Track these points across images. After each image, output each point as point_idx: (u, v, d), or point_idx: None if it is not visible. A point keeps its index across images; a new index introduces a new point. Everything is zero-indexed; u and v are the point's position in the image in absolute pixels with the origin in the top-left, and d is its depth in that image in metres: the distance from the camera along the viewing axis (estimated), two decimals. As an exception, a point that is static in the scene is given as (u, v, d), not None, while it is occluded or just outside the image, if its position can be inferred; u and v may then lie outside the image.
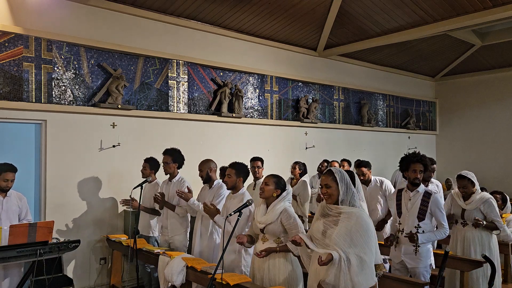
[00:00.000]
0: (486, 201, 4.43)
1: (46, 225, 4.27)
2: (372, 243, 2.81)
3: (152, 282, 5.15)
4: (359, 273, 2.70)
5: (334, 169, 2.98)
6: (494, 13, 6.26)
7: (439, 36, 8.37)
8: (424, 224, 3.89)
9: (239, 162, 4.19)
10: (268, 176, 3.57)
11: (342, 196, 2.89)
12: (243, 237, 3.55)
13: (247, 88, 7.39)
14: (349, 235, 2.77)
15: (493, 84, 10.68)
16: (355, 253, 2.72)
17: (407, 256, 3.92)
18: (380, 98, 10.00)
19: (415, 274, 3.91)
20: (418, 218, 3.89)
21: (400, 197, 4.09)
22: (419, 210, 3.90)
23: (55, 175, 5.32)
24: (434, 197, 3.92)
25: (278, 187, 3.49)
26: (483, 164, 10.46)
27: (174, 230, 4.86)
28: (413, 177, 3.97)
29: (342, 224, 2.82)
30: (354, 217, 2.82)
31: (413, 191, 3.98)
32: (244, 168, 4.13)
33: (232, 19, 6.76)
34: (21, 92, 5.08)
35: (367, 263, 2.74)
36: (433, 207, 3.89)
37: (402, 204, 4.03)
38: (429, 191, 3.99)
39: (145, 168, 5.26)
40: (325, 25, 7.47)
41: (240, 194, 4.04)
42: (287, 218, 3.40)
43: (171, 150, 4.97)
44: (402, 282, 3.62)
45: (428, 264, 3.94)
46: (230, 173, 4.05)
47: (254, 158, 5.82)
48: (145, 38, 6.11)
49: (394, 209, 4.13)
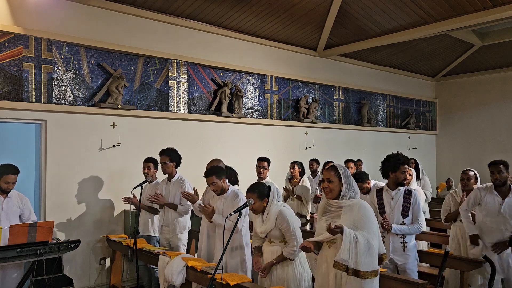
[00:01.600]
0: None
1: (46, 225, 4.27)
2: (376, 230, 2.84)
3: (152, 282, 5.15)
4: (365, 254, 2.70)
5: (338, 165, 2.99)
6: (494, 13, 6.26)
7: (439, 36, 8.37)
8: (408, 220, 3.99)
9: (213, 166, 4.17)
10: (247, 194, 3.54)
11: (344, 192, 2.90)
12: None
13: (247, 88, 7.40)
14: (353, 225, 2.78)
15: (493, 84, 10.68)
16: (364, 235, 2.73)
17: (395, 253, 3.98)
18: (380, 98, 10.00)
19: (405, 271, 3.97)
20: (402, 215, 3.99)
21: (381, 197, 4.14)
22: (403, 207, 4.00)
23: (55, 175, 5.32)
24: (414, 193, 4.05)
25: (262, 197, 3.49)
26: (483, 164, 10.35)
27: (175, 229, 4.86)
28: (403, 178, 4.06)
29: (345, 217, 2.83)
30: (356, 206, 2.83)
31: (394, 190, 4.07)
32: (220, 168, 4.10)
33: (232, 19, 6.76)
34: (21, 92, 5.08)
35: (373, 248, 2.75)
36: (414, 203, 3.99)
37: (385, 203, 4.09)
38: (409, 189, 4.09)
39: (150, 168, 5.22)
40: (325, 25, 7.47)
41: (230, 193, 4.03)
42: (281, 222, 3.44)
43: (168, 150, 4.96)
44: (402, 282, 3.62)
45: (415, 259, 4.04)
46: (213, 181, 3.99)
47: (261, 158, 5.80)
48: (145, 38, 6.11)
49: (377, 209, 4.17)
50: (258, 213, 3.54)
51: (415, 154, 9.97)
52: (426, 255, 4.51)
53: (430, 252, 4.57)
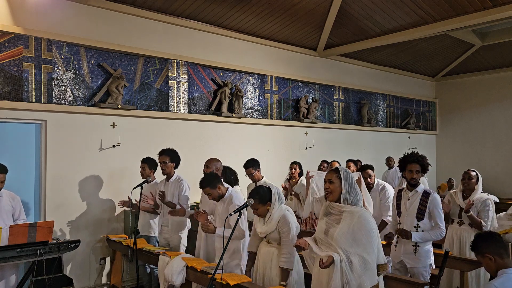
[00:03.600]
0: (483, 201, 4.48)
1: (46, 225, 4.27)
2: (375, 242, 2.80)
3: (152, 282, 5.15)
4: (362, 273, 2.68)
5: (341, 168, 2.99)
6: (494, 13, 6.26)
7: (439, 36, 8.37)
8: (423, 224, 3.88)
9: (206, 176, 4.13)
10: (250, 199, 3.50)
11: (344, 195, 2.89)
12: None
13: (247, 88, 7.40)
14: (351, 234, 2.76)
15: (493, 84, 10.68)
16: (357, 253, 2.71)
17: (406, 256, 3.93)
18: (380, 98, 10.00)
19: (414, 274, 3.91)
20: (417, 218, 3.89)
21: (400, 197, 4.09)
22: (418, 210, 3.90)
23: (55, 175, 5.32)
24: (432, 196, 3.92)
25: (264, 201, 3.48)
26: (483, 164, 10.45)
27: (174, 229, 4.87)
28: (410, 177, 3.97)
29: (344, 223, 2.82)
30: (356, 215, 2.81)
31: (411, 191, 3.99)
32: (212, 177, 4.06)
33: (232, 19, 6.76)
34: (21, 92, 5.08)
35: (370, 263, 2.72)
36: (431, 207, 3.88)
37: (402, 204, 4.03)
38: (428, 191, 3.98)
39: (144, 169, 5.24)
40: (325, 25, 7.47)
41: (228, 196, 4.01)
42: (282, 225, 3.44)
43: (168, 150, 4.97)
44: (402, 282, 3.62)
45: (428, 264, 3.93)
46: (208, 192, 3.97)
47: (244, 165, 5.69)
48: (145, 38, 6.11)
49: (394, 209, 4.14)
50: (263, 216, 3.54)
51: (415, 154, 9.97)
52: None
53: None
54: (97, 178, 5.66)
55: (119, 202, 5.31)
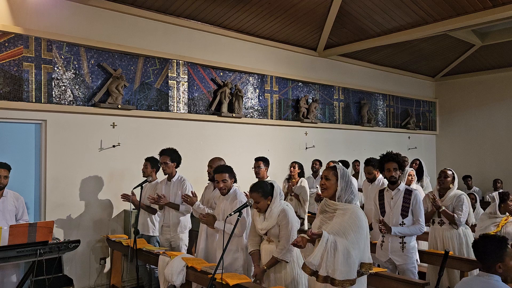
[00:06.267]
0: (458, 197, 4.55)
1: (46, 225, 4.27)
2: (361, 240, 2.82)
3: (152, 282, 5.15)
4: (342, 262, 2.70)
5: (338, 166, 3.03)
6: (494, 13, 6.26)
7: (439, 36, 8.37)
8: (408, 221, 3.97)
9: (227, 165, 4.16)
10: (252, 193, 3.52)
11: (339, 192, 2.92)
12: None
13: (247, 88, 7.40)
14: (341, 229, 2.80)
15: (493, 84, 10.68)
16: (343, 244, 2.74)
17: (394, 254, 3.99)
18: (380, 98, 10.00)
19: (403, 272, 3.97)
20: (402, 215, 3.98)
21: (382, 197, 4.16)
22: (402, 208, 3.99)
23: (55, 175, 5.32)
24: (415, 193, 4.02)
25: (266, 195, 3.50)
26: (483, 163, 10.46)
27: (176, 229, 4.86)
28: (389, 176, 4.06)
29: (336, 220, 2.87)
30: (349, 212, 2.85)
31: (394, 190, 4.06)
32: (232, 169, 4.08)
33: (232, 19, 6.76)
34: (21, 92, 5.08)
35: (352, 258, 2.74)
36: (414, 203, 3.98)
37: (385, 203, 4.11)
38: (409, 189, 4.07)
39: (146, 167, 5.25)
40: (325, 25, 7.47)
41: (232, 193, 4.03)
42: (282, 219, 3.46)
43: (169, 150, 4.97)
44: (402, 282, 3.62)
45: (415, 260, 4.02)
46: (225, 178, 3.95)
47: (257, 158, 5.72)
48: (145, 38, 6.10)
49: (378, 209, 4.19)
50: (263, 211, 3.54)
51: (415, 154, 9.98)
52: (426, 255, 4.51)
53: (430, 252, 4.56)
54: (97, 178, 5.66)
55: (121, 195, 5.26)
